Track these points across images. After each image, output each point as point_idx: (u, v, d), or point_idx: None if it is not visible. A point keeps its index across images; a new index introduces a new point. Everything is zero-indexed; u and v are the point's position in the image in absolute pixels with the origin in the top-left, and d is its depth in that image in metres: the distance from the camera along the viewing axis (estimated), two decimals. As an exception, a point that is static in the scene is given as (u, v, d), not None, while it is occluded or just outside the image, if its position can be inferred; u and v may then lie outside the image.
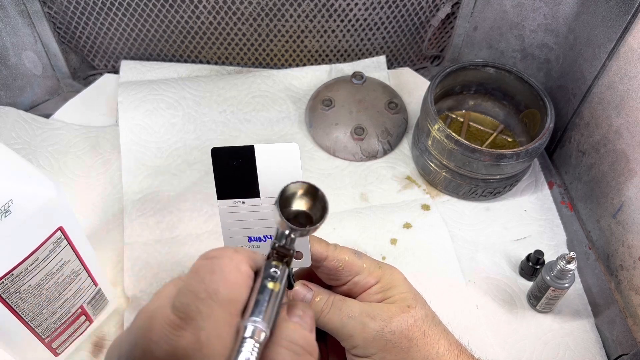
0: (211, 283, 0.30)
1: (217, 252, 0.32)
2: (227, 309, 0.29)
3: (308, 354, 0.31)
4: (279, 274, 0.33)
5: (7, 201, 0.40)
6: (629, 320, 0.58)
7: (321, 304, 0.44)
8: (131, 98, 0.73)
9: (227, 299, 0.29)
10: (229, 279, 0.30)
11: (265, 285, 0.31)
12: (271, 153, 0.43)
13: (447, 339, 0.44)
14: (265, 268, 0.33)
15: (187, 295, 0.29)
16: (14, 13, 0.69)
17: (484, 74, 0.72)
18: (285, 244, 0.35)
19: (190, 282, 0.30)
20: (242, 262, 0.31)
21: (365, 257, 0.46)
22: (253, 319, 0.29)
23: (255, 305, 0.30)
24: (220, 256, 0.31)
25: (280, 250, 0.34)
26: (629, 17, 0.59)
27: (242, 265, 0.31)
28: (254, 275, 0.32)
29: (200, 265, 0.31)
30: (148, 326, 0.29)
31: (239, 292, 0.30)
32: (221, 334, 0.28)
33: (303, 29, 0.78)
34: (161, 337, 0.28)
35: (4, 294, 0.43)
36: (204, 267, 0.31)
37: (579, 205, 0.70)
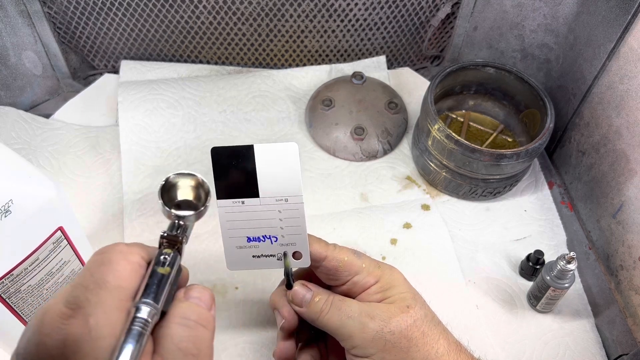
0: (100, 274, 0.31)
1: (107, 248, 0.34)
2: (117, 295, 0.31)
3: (201, 326, 0.33)
4: (168, 259, 0.35)
5: (7, 201, 0.40)
6: (629, 320, 0.58)
7: (320, 304, 0.44)
8: (131, 98, 0.73)
9: (115, 286, 0.31)
10: (117, 268, 0.32)
11: (155, 270, 0.34)
12: (270, 153, 0.43)
13: (447, 338, 0.44)
14: (157, 256, 0.35)
15: (77, 288, 0.31)
16: (14, 13, 0.69)
17: (484, 74, 0.72)
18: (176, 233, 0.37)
19: (81, 276, 0.32)
20: (131, 253, 0.33)
21: (364, 257, 0.46)
22: (143, 300, 0.31)
23: (145, 289, 0.32)
24: (109, 250, 0.33)
25: (169, 238, 0.37)
26: (629, 17, 0.59)
27: (132, 256, 0.33)
28: (146, 266, 0.34)
29: (91, 261, 0.33)
30: (40, 321, 0.30)
31: (127, 279, 0.32)
32: (110, 317, 0.30)
33: (303, 29, 0.78)
34: (52, 328, 0.29)
35: (4, 294, 0.43)
36: (94, 262, 0.33)
37: (579, 205, 0.70)
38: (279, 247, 0.46)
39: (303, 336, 0.49)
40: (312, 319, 0.45)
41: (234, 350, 0.55)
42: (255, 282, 0.60)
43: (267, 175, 0.44)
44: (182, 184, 0.40)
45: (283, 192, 0.44)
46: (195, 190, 0.41)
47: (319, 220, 0.65)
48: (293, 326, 0.46)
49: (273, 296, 0.47)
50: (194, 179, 0.41)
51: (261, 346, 0.56)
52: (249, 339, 0.56)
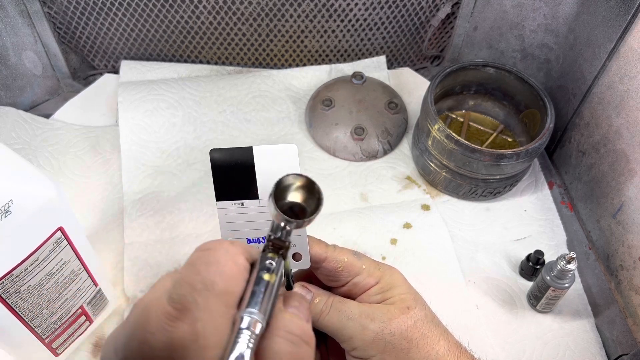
0: (207, 274, 0.30)
1: (213, 244, 0.32)
2: (223, 300, 0.29)
3: (305, 343, 0.31)
4: (274, 265, 0.33)
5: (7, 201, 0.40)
6: (629, 320, 0.58)
7: (320, 306, 0.44)
8: (131, 98, 0.73)
9: (223, 291, 0.29)
10: (225, 270, 0.30)
11: (261, 276, 0.32)
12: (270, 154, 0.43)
13: (447, 339, 0.44)
14: (261, 260, 0.33)
15: (183, 286, 0.29)
16: (14, 13, 0.69)
17: (484, 74, 0.72)
18: (280, 236, 0.35)
19: (187, 273, 0.30)
20: (238, 254, 0.32)
21: (364, 258, 0.46)
22: (249, 310, 0.30)
23: (251, 297, 0.30)
24: (217, 248, 0.31)
25: (275, 242, 0.34)
26: (629, 17, 0.59)
27: (238, 257, 0.31)
28: (250, 268, 0.32)
29: (197, 257, 0.31)
30: (144, 318, 0.29)
31: (235, 284, 0.30)
32: (217, 325, 0.28)
33: (303, 29, 0.78)
34: (157, 328, 0.28)
35: (4, 294, 0.43)
36: (200, 259, 0.31)
37: (579, 205, 0.70)
38: None
39: (303, 337, 0.49)
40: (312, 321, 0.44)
41: (234, 350, 0.55)
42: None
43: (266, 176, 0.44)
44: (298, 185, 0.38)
45: None
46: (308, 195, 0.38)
47: (319, 220, 0.65)
48: None
49: None
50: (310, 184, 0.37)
51: (261, 346, 0.56)
52: (249, 339, 0.56)
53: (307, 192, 0.38)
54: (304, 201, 0.38)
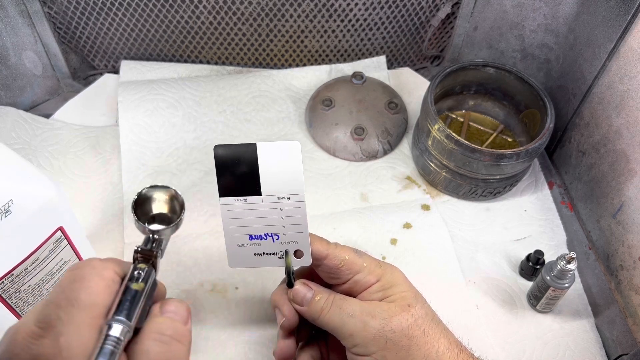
0: (71, 291, 0.31)
1: (81, 263, 0.33)
2: (89, 313, 0.30)
3: (176, 341, 0.32)
4: (143, 275, 0.34)
5: (7, 201, 0.40)
6: (629, 320, 0.58)
7: (321, 303, 0.44)
8: (131, 98, 0.73)
9: (87, 304, 0.30)
10: (89, 285, 0.31)
11: (128, 286, 0.33)
12: (273, 151, 0.43)
13: (447, 337, 0.44)
14: (131, 271, 0.34)
15: (49, 306, 0.30)
16: (14, 13, 0.69)
17: (484, 74, 0.72)
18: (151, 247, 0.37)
19: (53, 294, 0.31)
20: (105, 269, 0.33)
21: (365, 256, 0.46)
22: (115, 318, 0.31)
23: (118, 305, 0.32)
24: (83, 266, 0.32)
25: (143, 253, 0.36)
26: (629, 17, 0.59)
27: (105, 271, 0.32)
28: (120, 281, 0.33)
29: (64, 278, 0.32)
30: (11, 341, 0.29)
31: (100, 297, 0.31)
32: (82, 336, 0.29)
33: (303, 29, 0.78)
34: (22, 348, 0.29)
35: (4, 293, 0.43)
36: (66, 279, 0.32)
37: (579, 205, 0.70)
38: (280, 245, 0.46)
39: (303, 335, 0.49)
40: (313, 318, 0.45)
41: (234, 349, 0.55)
42: (255, 282, 0.60)
43: (269, 173, 0.44)
44: (156, 197, 0.40)
45: (285, 190, 0.44)
46: (169, 203, 0.40)
47: (319, 220, 0.65)
48: (293, 325, 0.46)
49: (274, 295, 0.47)
50: (167, 192, 0.40)
51: (261, 345, 0.56)
52: (249, 339, 0.56)
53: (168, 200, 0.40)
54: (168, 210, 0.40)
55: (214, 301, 0.59)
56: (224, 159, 0.43)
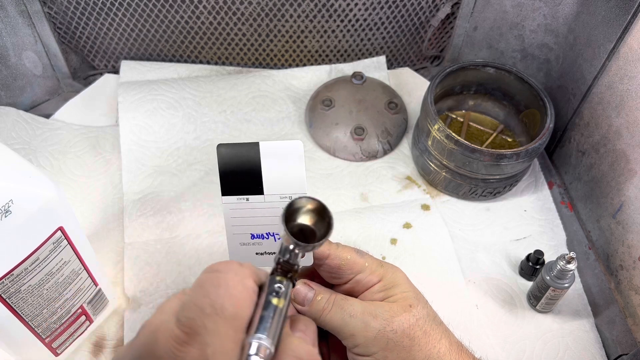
0: (217, 298, 0.29)
1: (222, 266, 0.32)
2: (233, 324, 0.29)
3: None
4: (283, 289, 0.33)
5: (7, 201, 0.40)
6: (629, 320, 0.58)
7: (323, 303, 0.44)
8: (131, 98, 0.73)
9: (232, 315, 0.29)
10: (234, 294, 0.30)
11: (269, 301, 0.32)
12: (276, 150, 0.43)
13: (448, 338, 0.44)
14: (270, 283, 0.33)
15: (192, 309, 0.29)
16: (14, 13, 0.69)
17: (484, 74, 0.72)
18: (289, 258, 0.35)
19: (195, 296, 0.30)
20: (247, 277, 0.31)
21: (367, 256, 0.46)
22: (258, 336, 0.29)
23: (260, 322, 0.30)
24: (226, 270, 0.31)
25: (284, 265, 0.34)
26: (629, 17, 0.59)
27: (247, 280, 0.31)
28: (258, 290, 0.32)
29: (205, 279, 0.31)
30: (152, 341, 0.28)
31: (244, 308, 0.30)
32: (227, 350, 0.28)
33: (303, 29, 0.78)
34: (166, 352, 0.28)
35: (4, 293, 0.43)
36: (209, 281, 0.30)
37: (578, 205, 0.70)
38: None
39: (304, 335, 0.49)
40: (314, 318, 0.45)
41: (234, 350, 0.55)
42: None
43: (271, 172, 0.44)
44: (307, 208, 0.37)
45: (287, 189, 0.44)
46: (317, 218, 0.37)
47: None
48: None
49: None
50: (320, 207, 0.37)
51: (261, 346, 0.56)
52: (249, 339, 0.56)
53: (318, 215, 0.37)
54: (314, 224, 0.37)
55: (214, 301, 0.59)
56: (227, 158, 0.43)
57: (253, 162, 0.43)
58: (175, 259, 0.62)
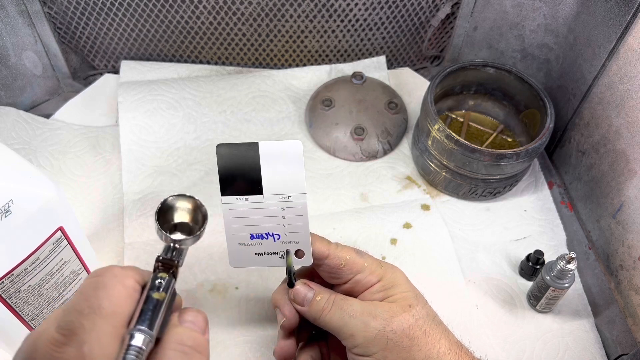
0: (95, 299, 0.30)
1: (102, 270, 0.33)
2: (111, 321, 0.30)
3: (197, 352, 0.32)
4: (164, 284, 0.34)
5: (7, 201, 0.40)
6: (629, 320, 0.58)
7: (322, 303, 0.44)
8: (131, 98, 0.73)
9: (110, 312, 0.30)
10: (112, 293, 0.31)
11: (150, 295, 0.33)
12: (275, 150, 0.43)
13: (448, 338, 0.44)
14: (152, 280, 0.34)
15: (72, 313, 0.30)
16: (14, 13, 0.69)
17: (484, 74, 0.72)
18: (171, 256, 0.37)
19: (75, 300, 0.31)
20: (127, 277, 0.32)
21: (366, 256, 0.46)
22: (137, 328, 0.31)
23: (140, 315, 0.32)
24: (104, 274, 0.32)
25: (165, 262, 0.36)
26: (629, 17, 0.59)
27: (127, 279, 0.32)
28: (141, 289, 0.33)
29: (86, 284, 0.32)
30: (32, 348, 0.29)
31: (122, 305, 0.31)
32: (105, 345, 0.29)
33: (303, 29, 0.78)
34: (44, 356, 0.28)
35: (4, 294, 0.43)
36: (88, 285, 0.32)
37: (578, 205, 0.70)
38: (281, 245, 0.46)
39: (304, 335, 0.49)
40: (314, 318, 0.45)
41: (234, 349, 0.55)
42: (255, 282, 0.60)
43: (271, 172, 0.44)
44: (179, 206, 0.40)
45: (287, 189, 0.44)
46: (192, 213, 0.40)
47: (319, 220, 0.65)
48: (294, 325, 0.46)
49: (275, 294, 0.47)
50: (192, 202, 0.40)
51: (261, 345, 0.56)
52: (249, 339, 0.56)
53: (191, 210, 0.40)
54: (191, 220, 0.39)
55: (214, 301, 0.59)
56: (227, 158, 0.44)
57: (252, 162, 0.43)
58: (175, 259, 0.62)
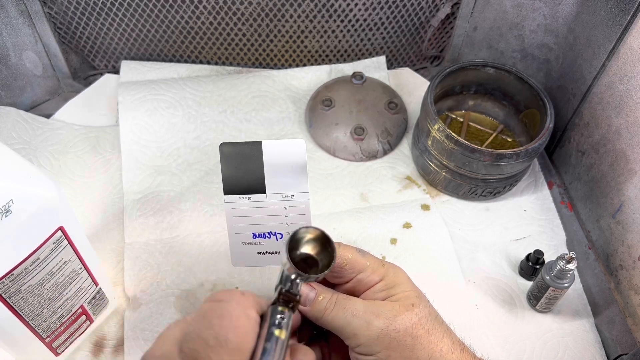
0: (220, 329, 0.29)
1: (224, 295, 0.32)
2: (236, 356, 0.29)
3: None
4: (285, 320, 0.33)
5: (7, 201, 0.40)
6: (629, 320, 0.58)
7: (325, 303, 0.44)
8: (131, 98, 0.73)
9: (236, 347, 0.29)
10: (237, 325, 0.30)
11: (272, 332, 0.32)
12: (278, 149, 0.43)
13: (450, 337, 0.44)
14: (272, 314, 0.33)
15: (196, 341, 0.29)
16: (14, 13, 0.69)
17: (484, 74, 0.72)
18: (290, 288, 0.35)
19: (199, 326, 0.30)
20: (249, 307, 0.32)
21: (368, 255, 0.46)
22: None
23: (262, 354, 0.31)
24: (228, 299, 0.31)
25: (286, 296, 0.35)
26: (629, 17, 0.59)
27: (250, 310, 0.31)
28: (260, 321, 0.32)
29: (208, 309, 0.31)
30: None
31: (247, 340, 0.30)
32: None
33: (303, 29, 0.78)
34: None
35: (5, 293, 0.43)
36: (212, 311, 0.31)
37: (578, 205, 0.70)
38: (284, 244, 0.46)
39: (305, 335, 0.49)
40: (316, 318, 0.45)
41: (234, 350, 0.55)
42: (255, 282, 0.60)
43: (274, 171, 0.44)
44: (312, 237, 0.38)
45: (289, 188, 0.44)
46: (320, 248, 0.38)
47: (319, 220, 0.65)
48: (295, 325, 0.46)
49: None
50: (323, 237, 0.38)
51: (261, 346, 0.56)
52: (249, 339, 0.56)
53: (321, 245, 0.38)
54: (317, 254, 0.38)
55: (214, 301, 0.59)
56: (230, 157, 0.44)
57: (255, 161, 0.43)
58: (176, 259, 0.62)
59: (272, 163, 0.44)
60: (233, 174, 0.44)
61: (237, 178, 0.44)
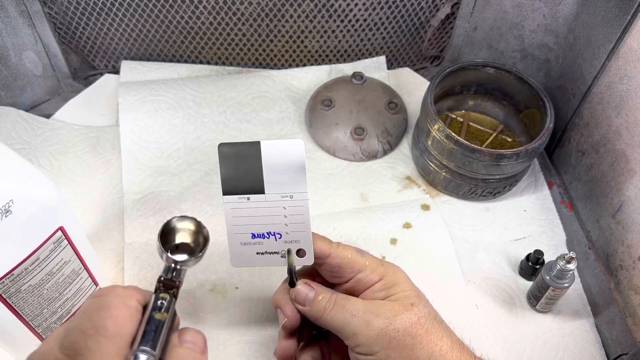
0: (99, 319, 0.31)
1: (105, 291, 0.33)
2: (115, 342, 0.31)
3: None
4: (165, 304, 0.35)
5: (7, 201, 0.40)
6: (629, 320, 0.58)
7: (324, 303, 0.44)
8: (131, 98, 0.73)
9: (114, 333, 0.31)
10: (115, 314, 0.31)
11: (152, 316, 0.34)
12: (277, 149, 0.43)
13: (450, 337, 0.44)
14: (154, 300, 0.35)
15: (75, 333, 0.30)
16: (14, 13, 0.69)
17: (484, 74, 0.72)
18: (172, 276, 0.37)
19: (79, 320, 0.31)
20: (129, 297, 0.33)
21: (367, 255, 0.46)
22: (141, 348, 0.31)
23: (143, 336, 0.32)
24: (108, 294, 0.33)
25: (166, 283, 0.37)
26: (629, 17, 0.59)
27: (130, 300, 0.33)
28: (142, 310, 0.34)
29: (89, 304, 0.32)
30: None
31: (126, 326, 0.32)
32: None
33: (303, 29, 0.78)
34: None
35: (5, 293, 0.43)
36: (92, 305, 0.32)
37: (578, 205, 0.70)
38: (283, 244, 0.46)
39: (305, 335, 0.49)
40: (316, 318, 0.45)
41: (234, 349, 0.55)
42: (255, 282, 0.60)
43: (273, 171, 0.44)
44: (182, 227, 0.41)
45: (288, 188, 0.44)
46: (194, 235, 0.41)
47: (319, 220, 0.66)
48: (295, 325, 0.46)
49: (276, 294, 0.47)
50: (194, 223, 0.41)
51: (262, 345, 0.56)
52: (250, 339, 0.56)
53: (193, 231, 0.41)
54: (192, 241, 0.40)
55: (214, 301, 0.59)
56: (228, 157, 0.44)
57: (254, 161, 0.44)
58: (176, 259, 0.62)
59: (270, 163, 0.44)
60: (232, 174, 0.44)
61: (235, 178, 0.44)
